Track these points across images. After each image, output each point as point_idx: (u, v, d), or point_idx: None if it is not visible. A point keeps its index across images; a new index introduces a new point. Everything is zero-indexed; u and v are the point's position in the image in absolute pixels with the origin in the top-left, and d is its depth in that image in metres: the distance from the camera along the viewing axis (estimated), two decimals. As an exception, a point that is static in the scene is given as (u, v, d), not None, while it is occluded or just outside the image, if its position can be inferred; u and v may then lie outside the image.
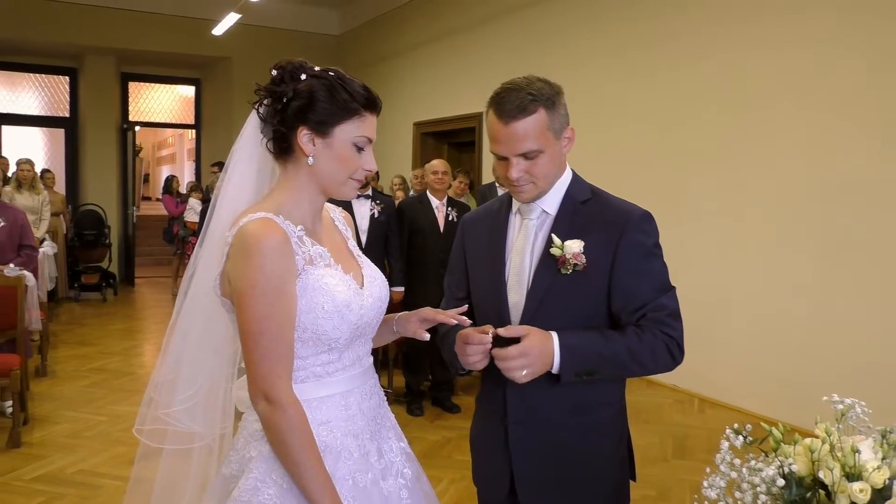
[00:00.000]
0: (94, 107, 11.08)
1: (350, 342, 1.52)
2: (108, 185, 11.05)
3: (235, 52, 10.93)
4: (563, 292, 1.64)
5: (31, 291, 4.74)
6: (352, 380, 1.54)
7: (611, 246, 1.63)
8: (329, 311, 1.45)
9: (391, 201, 5.19)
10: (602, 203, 1.71)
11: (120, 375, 5.86)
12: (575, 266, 1.61)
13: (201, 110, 12.51)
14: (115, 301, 9.43)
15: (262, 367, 1.39)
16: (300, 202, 1.51)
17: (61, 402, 5.11)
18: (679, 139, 5.72)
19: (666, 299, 1.64)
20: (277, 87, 1.48)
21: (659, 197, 5.85)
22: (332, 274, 1.48)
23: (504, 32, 7.80)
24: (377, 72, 10.36)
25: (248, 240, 1.39)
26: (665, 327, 1.63)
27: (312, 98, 1.46)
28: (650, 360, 1.62)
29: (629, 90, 6.17)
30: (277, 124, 1.48)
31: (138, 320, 8.57)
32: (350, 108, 1.47)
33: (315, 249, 1.48)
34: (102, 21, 10.20)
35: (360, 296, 1.52)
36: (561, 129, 1.66)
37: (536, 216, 1.71)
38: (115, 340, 7.18)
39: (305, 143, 1.47)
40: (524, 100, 1.59)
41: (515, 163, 1.62)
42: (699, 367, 5.49)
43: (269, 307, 1.38)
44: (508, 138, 1.61)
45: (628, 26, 6.19)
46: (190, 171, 14.94)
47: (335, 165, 1.48)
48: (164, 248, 11.62)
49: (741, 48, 5.22)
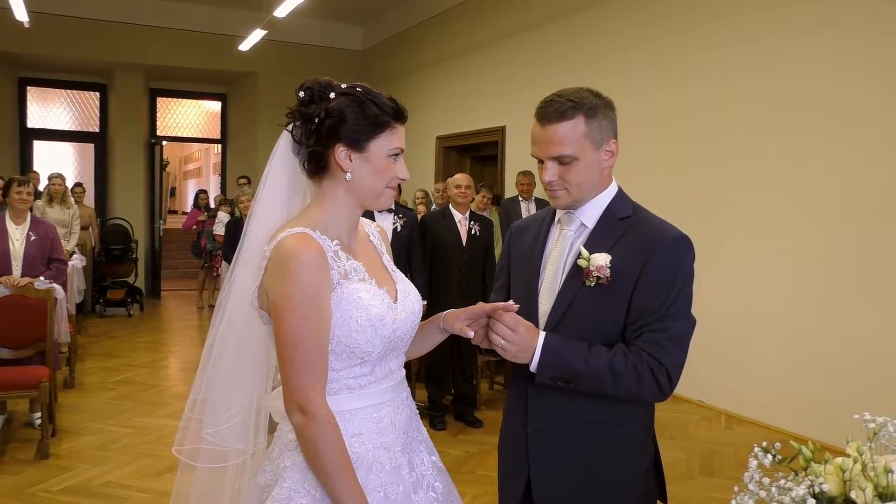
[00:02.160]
0: (123, 122, 11.28)
1: (383, 355, 1.54)
2: (136, 198, 11.22)
3: (261, 67, 11.07)
4: (586, 304, 1.64)
5: (60, 304, 4.81)
6: (384, 392, 1.56)
7: (638, 265, 1.61)
8: (363, 324, 1.47)
9: (413, 215, 5.21)
10: (640, 221, 1.69)
11: (146, 388, 5.92)
12: (598, 279, 1.61)
13: (227, 125, 12.66)
14: (141, 314, 9.53)
15: (298, 380, 1.42)
16: (337, 217, 1.54)
17: (88, 413, 5.17)
18: (711, 154, 5.67)
19: (674, 321, 1.59)
20: (307, 107, 1.52)
21: (690, 211, 5.80)
22: (367, 288, 1.51)
23: (526, 48, 7.81)
24: (400, 86, 10.42)
25: (285, 254, 1.43)
26: (659, 351, 1.58)
27: (345, 115, 1.50)
28: (634, 385, 1.58)
29: (657, 104, 6.14)
30: (314, 144, 1.52)
31: (164, 333, 8.65)
32: (382, 122, 1.51)
33: (350, 264, 1.51)
34: (132, 38, 10.41)
35: (394, 310, 1.55)
36: (602, 140, 1.66)
37: (575, 228, 1.73)
38: (141, 353, 7.25)
39: (342, 159, 1.51)
40: (564, 105, 1.63)
41: (549, 166, 1.66)
42: (727, 383, 5.43)
43: (305, 320, 1.42)
44: (544, 140, 1.65)
45: (658, 40, 6.17)
46: (216, 185, 15.11)
47: (373, 178, 1.52)
48: (190, 261, 11.73)
49: (776, 65, 5.17)
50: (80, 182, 9.79)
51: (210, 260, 9.68)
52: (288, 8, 7.60)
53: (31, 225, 4.94)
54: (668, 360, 1.58)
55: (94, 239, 9.33)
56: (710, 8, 5.64)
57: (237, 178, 10.47)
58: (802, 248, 4.96)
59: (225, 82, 12.22)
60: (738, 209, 5.40)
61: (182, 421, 1.62)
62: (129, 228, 10.08)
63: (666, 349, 1.58)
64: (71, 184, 8.99)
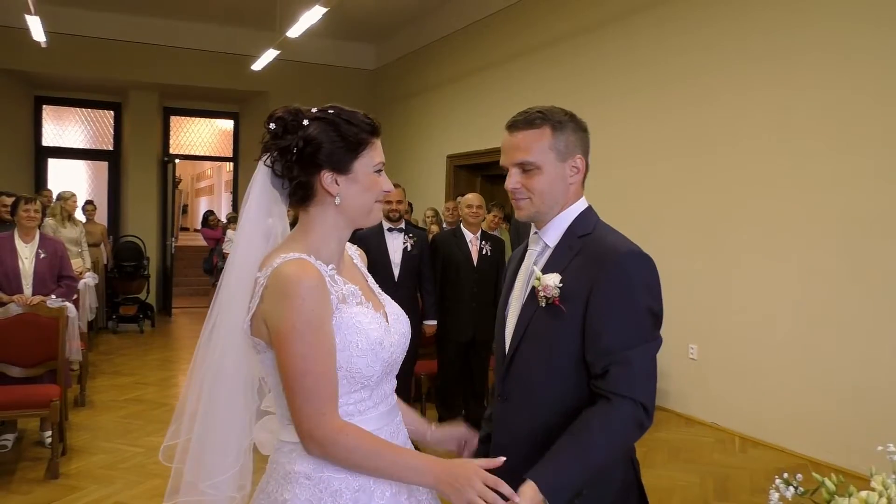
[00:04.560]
0: (137, 140, 11.38)
1: (380, 379, 1.54)
2: (149, 216, 11.28)
3: (273, 86, 11.15)
4: (541, 325, 1.64)
5: (71, 322, 4.82)
6: (381, 417, 1.55)
7: (589, 282, 1.58)
8: (363, 349, 1.46)
9: (424, 234, 5.20)
10: (598, 238, 1.66)
11: (156, 406, 5.91)
12: (547, 299, 1.61)
13: (239, 143, 12.74)
14: (151, 331, 9.55)
15: (308, 408, 1.40)
16: (328, 241, 1.53)
17: (98, 432, 5.16)
18: (721, 174, 5.65)
19: (635, 353, 1.54)
20: (282, 139, 1.49)
21: (701, 232, 5.79)
22: (365, 312, 1.51)
23: (535, 67, 7.85)
24: (411, 105, 10.47)
25: (285, 280, 1.40)
26: (630, 389, 1.53)
27: (324, 141, 1.48)
28: (624, 440, 1.56)
29: (664, 123, 6.13)
30: (297, 175, 1.49)
31: (175, 350, 8.65)
32: (361, 140, 1.50)
33: (347, 288, 1.51)
34: (146, 58, 10.53)
35: (389, 333, 1.54)
36: (567, 153, 1.67)
37: (539, 248, 1.73)
38: (151, 371, 7.25)
39: (329, 184, 1.49)
40: (532, 115, 1.67)
41: (512, 173, 1.68)
42: (741, 405, 5.36)
43: (311, 347, 1.40)
44: (509, 147, 1.69)
45: (664, 60, 6.17)
46: (227, 202, 15.19)
47: (362, 197, 1.52)
48: (202, 278, 11.77)
49: (781, 84, 5.16)
50: (90, 199, 9.86)
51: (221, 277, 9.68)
52: (301, 28, 7.66)
53: (39, 243, 4.95)
54: (642, 397, 1.54)
55: (105, 256, 9.38)
56: (727, 25, 5.63)
57: (248, 196, 10.51)
58: (816, 266, 4.92)
59: (237, 101, 12.31)
60: (751, 229, 5.36)
61: (173, 472, 1.56)
62: (142, 245, 10.13)
63: (635, 385, 1.54)
64: (82, 201, 9.05)
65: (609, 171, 6.71)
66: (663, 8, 6.22)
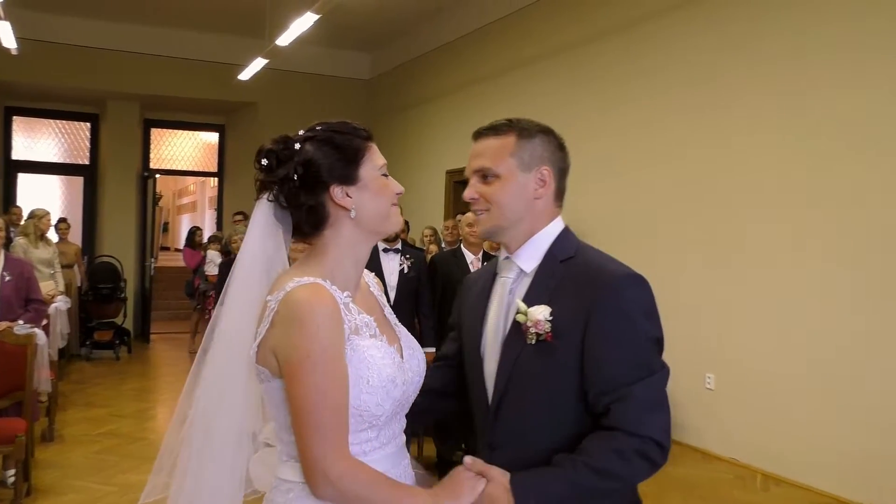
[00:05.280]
0: (115, 154, 11.38)
1: (390, 419, 1.53)
2: (126, 235, 11.26)
3: (261, 97, 11.18)
4: (531, 364, 1.58)
5: (40, 350, 4.77)
6: (387, 459, 1.53)
7: (583, 312, 1.54)
8: (374, 385, 1.46)
9: (422, 255, 5.17)
10: (584, 262, 1.63)
11: (132, 441, 5.84)
12: (538, 336, 1.55)
13: (225, 157, 12.76)
14: (128, 359, 9.48)
15: (323, 446, 1.39)
16: (344, 264, 1.54)
17: (68, 470, 5.08)
18: (733, 187, 5.64)
19: (640, 387, 1.50)
20: (278, 171, 1.51)
21: (714, 249, 5.77)
22: (378, 346, 1.50)
23: (537, 77, 7.89)
24: (409, 117, 10.50)
25: (299, 307, 1.40)
26: (637, 426, 1.49)
27: (323, 158, 1.50)
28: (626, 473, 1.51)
29: (672, 135, 6.14)
30: (306, 201, 1.50)
31: (152, 379, 8.60)
32: (357, 146, 1.53)
33: (361, 318, 1.51)
34: (126, 66, 10.56)
35: (402, 370, 1.53)
36: (531, 163, 1.65)
37: (513, 275, 1.68)
38: (127, 402, 7.19)
39: (341, 199, 1.51)
40: (498, 123, 1.68)
41: (472, 182, 1.67)
42: (761, 439, 5.31)
43: (325, 378, 1.39)
44: (472, 154, 1.68)
45: (672, 66, 6.19)
46: (211, 220, 15.18)
47: (376, 201, 1.53)
48: (182, 301, 11.72)
49: (800, 86, 5.17)
50: (64, 217, 9.83)
51: (203, 301, 9.65)
52: (291, 36, 7.69)
53: (5, 265, 4.91)
54: (650, 432, 1.50)
55: (79, 277, 9.34)
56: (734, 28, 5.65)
57: (233, 214, 10.50)
58: (841, 287, 4.89)
59: (223, 113, 12.34)
60: (769, 247, 5.34)
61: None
62: (119, 266, 10.10)
63: (642, 420, 1.50)
64: (55, 219, 9.03)
65: (616, 186, 6.72)
66: (668, 15, 6.26)
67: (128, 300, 10.28)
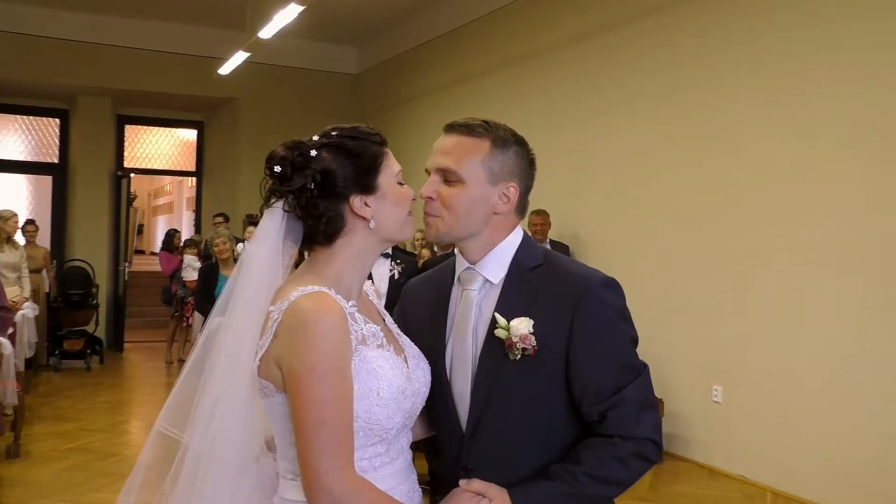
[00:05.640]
0: (87, 152, 11.31)
1: (399, 432, 1.55)
2: (99, 238, 11.19)
3: (243, 92, 11.15)
4: (513, 382, 1.59)
5: (6, 360, 4.73)
6: (396, 475, 1.55)
7: (565, 321, 1.58)
8: (384, 398, 1.48)
9: (413, 260, 5.16)
10: (555, 269, 1.66)
11: (104, 457, 5.79)
12: (524, 350, 1.56)
13: (203, 156, 12.73)
14: (100, 369, 9.42)
15: (326, 461, 1.40)
16: (350, 271, 1.56)
17: (35, 488, 5.03)
18: (743, 193, 5.64)
19: (630, 390, 1.58)
20: (294, 180, 1.52)
21: (722, 257, 5.76)
22: (386, 356, 1.52)
23: (535, 74, 7.89)
24: (399, 114, 10.48)
25: (304, 316, 1.42)
26: (633, 427, 1.57)
27: (341, 166, 1.52)
28: (625, 476, 1.59)
29: (683, 139, 6.15)
30: (325, 211, 1.52)
31: (126, 391, 8.55)
32: (375, 152, 1.56)
33: (368, 328, 1.52)
34: (98, 59, 10.50)
35: (410, 381, 1.55)
36: (500, 176, 1.63)
37: (478, 286, 1.67)
38: (99, 415, 7.14)
39: (361, 208, 1.53)
40: (474, 122, 1.65)
41: (432, 179, 1.65)
42: (773, 455, 5.31)
43: (332, 391, 1.40)
44: (438, 149, 1.66)
45: (680, 62, 6.20)
46: (189, 222, 15.14)
47: (394, 211, 1.57)
48: (158, 308, 11.66)
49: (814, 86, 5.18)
50: (32, 219, 9.77)
51: (181, 308, 9.60)
52: (274, 28, 7.67)
53: (-35, 270, 4.87)
54: (645, 433, 1.58)
55: (48, 283, 9.28)
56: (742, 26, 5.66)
57: (213, 215, 10.45)
58: (854, 297, 4.89)
59: (202, 109, 12.30)
60: (780, 256, 5.33)
61: None
62: (90, 271, 10.04)
63: (639, 423, 1.58)
64: (22, 221, 8.97)
65: (616, 191, 6.72)
66: (675, 8, 6.26)
67: (100, 307, 10.23)
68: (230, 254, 6.90)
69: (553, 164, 6.93)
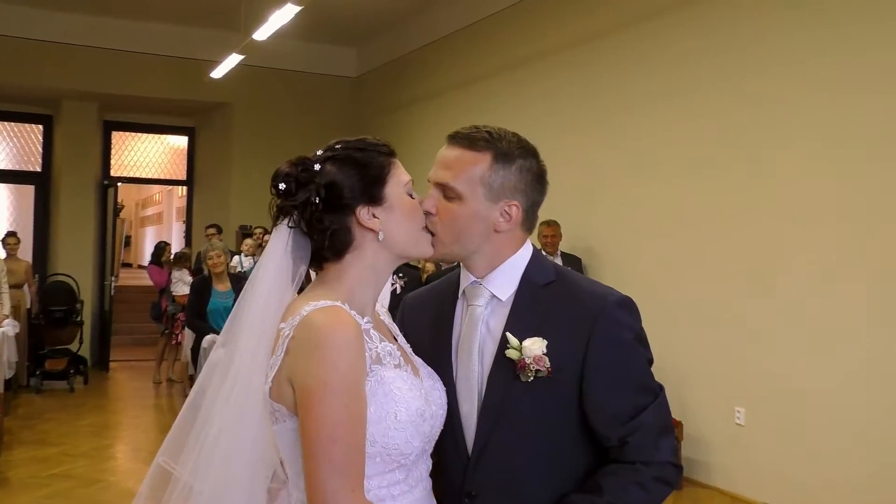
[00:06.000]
0: (71, 160, 11.32)
1: (418, 458, 1.55)
2: (83, 250, 11.19)
3: (236, 97, 11.17)
4: (525, 405, 1.60)
5: (-15, 382, 4.71)
6: (417, 503, 1.55)
7: (580, 342, 1.59)
8: (403, 421, 1.48)
9: (417, 274, 5.15)
10: (569, 287, 1.68)
11: (87, 483, 5.77)
12: (538, 372, 1.57)
13: (195, 164, 12.74)
14: (84, 390, 9.40)
15: (335, 484, 1.39)
16: (364, 287, 1.58)
17: (14, 517, 5.03)
18: (769, 198, 5.62)
19: (649, 414, 1.61)
20: (297, 195, 1.55)
21: (746, 267, 5.74)
22: (404, 377, 1.52)
23: (541, 76, 7.91)
24: (400, 118, 10.50)
25: (317, 331, 1.43)
26: (653, 453, 1.60)
27: (346, 177, 1.55)
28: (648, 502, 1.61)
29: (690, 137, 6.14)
30: (330, 224, 1.54)
31: (112, 414, 8.54)
32: (381, 162, 1.58)
33: (383, 346, 1.53)
34: (84, 63, 10.52)
35: (428, 403, 1.55)
36: (500, 193, 1.63)
37: (484, 303, 1.68)
38: (82, 439, 7.11)
39: (368, 220, 1.55)
40: (479, 133, 1.65)
41: (432, 194, 1.66)
42: (799, 480, 5.29)
43: (345, 409, 1.40)
44: (439, 162, 1.67)
45: (692, 62, 6.20)
46: (179, 234, 15.17)
47: (406, 223, 1.59)
48: (146, 325, 11.66)
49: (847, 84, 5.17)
50: (13, 231, 9.78)
51: (171, 325, 9.59)
52: (269, 30, 7.69)
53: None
54: (666, 455, 1.62)
55: (29, 299, 9.27)
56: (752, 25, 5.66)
57: (205, 226, 10.46)
58: (886, 315, 4.85)
59: (193, 114, 12.33)
60: (810, 267, 5.30)
61: None
62: (75, 286, 10.03)
63: (658, 447, 1.61)
64: (2, 233, 8.98)
65: (627, 200, 6.70)
66: (687, 6, 6.27)
67: (84, 324, 10.21)
68: (224, 267, 6.90)
69: (563, 171, 6.92)
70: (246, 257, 9.01)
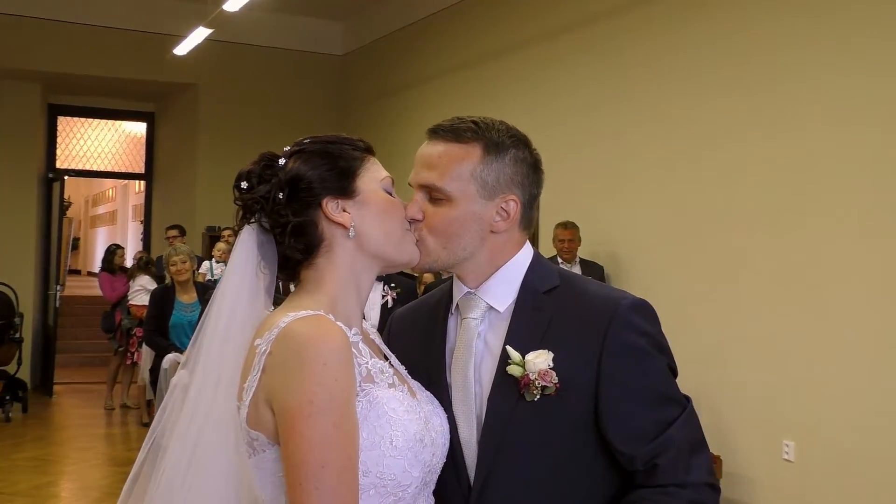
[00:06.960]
0: (9, 149, 11.27)
1: (418, 492, 1.54)
2: (24, 255, 11.19)
3: (204, 77, 11.20)
4: (532, 428, 1.60)
5: None
6: None
7: (592, 353, 1.60)
8: (400, 447, 1.48)
9: (412, 285, 5.14)
10: (576, 291, 1.69)
11: (26, 527, 5.77)
12: (544, 389, 1.58)
13: (154, 155, 12.78)
14: (23, 418, 9.39)
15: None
16: (345, 296, 1.59)
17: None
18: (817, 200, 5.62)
19: (677, 429, 1.60)
20: (258, 189, 1.58)
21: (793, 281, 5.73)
22: (399, 398, 1.52)
23: (543, 59, 7.97)
24: (393, 103, 10.53)
25: (299, 343, 1.42)
26: (685, 476, 1.59)
27: (311, 168, 1.58)
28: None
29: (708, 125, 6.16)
30: (294, 217, 1.55)
31: (56, 445, 8.53)
32: (353, 155, 1.61)
33: (374, 363, 1.54)
34: (24, 36, 10.51)
35: (428, 428, 1.55)
36: (495, 189, 1.65)
37: (480, 315, 1.69)
38: (21, 475, 7.13)
39: (336, 213, 1.57)
40: (463, 124, 1.66)
41: (416, 198, 1.67)
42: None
43: (334, 429, 1.40)
44: (421, 160, 1.68)
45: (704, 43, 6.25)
46: (136, 235, 15.17)
47: (382, 221, 1.60)
48: (97, 341, 11.67)
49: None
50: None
51: (126, 342, 9.57)
52: (241, 0, 7.66)
53: None
54: (701, 476, 1.61)
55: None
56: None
57: (166, 228, 10.44)
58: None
59: (154, 97, 12.37)
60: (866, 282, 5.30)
61: None
62: (13, 297, 10.01)
63: (691, 467, 1.60)
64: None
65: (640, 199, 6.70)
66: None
67: (24, 341, 10.14)
68: (189, 275, 6.86)
69: (583, 160, 6.91)
70: (217, 263, 8.91)
